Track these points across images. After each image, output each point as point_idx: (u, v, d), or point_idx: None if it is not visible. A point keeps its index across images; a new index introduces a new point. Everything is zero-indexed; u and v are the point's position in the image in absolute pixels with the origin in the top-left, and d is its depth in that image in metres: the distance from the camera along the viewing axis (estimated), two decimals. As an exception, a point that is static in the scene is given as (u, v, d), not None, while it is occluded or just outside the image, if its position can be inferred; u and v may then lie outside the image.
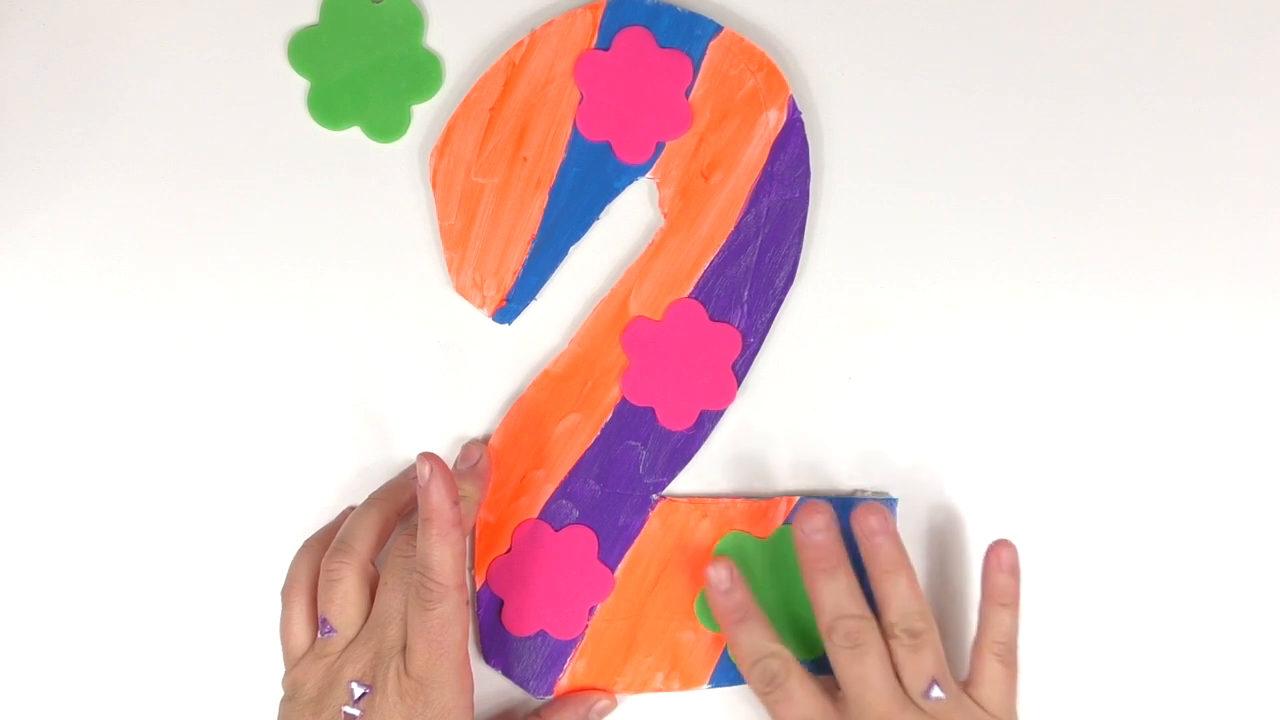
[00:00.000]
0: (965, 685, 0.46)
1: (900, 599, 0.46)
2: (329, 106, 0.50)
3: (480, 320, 0.50)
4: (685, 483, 0.50)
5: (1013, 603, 0.47)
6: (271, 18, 0.51)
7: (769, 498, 0.50)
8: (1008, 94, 0.51)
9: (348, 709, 0.43)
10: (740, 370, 0.50)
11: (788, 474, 0.50)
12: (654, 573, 0.50)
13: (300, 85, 0.51)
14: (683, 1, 0.50)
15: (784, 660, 0.46)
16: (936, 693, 0.45)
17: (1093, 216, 0.50)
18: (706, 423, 0.50)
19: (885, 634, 0.46)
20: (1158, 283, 0.50)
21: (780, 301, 0.50)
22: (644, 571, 0.50)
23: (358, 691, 0.44)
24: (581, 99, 0.49)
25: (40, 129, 0.51)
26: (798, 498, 0.50)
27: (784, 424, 0.50)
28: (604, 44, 0.49)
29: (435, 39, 0.51)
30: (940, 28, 0.51)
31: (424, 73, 0.51)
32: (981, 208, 0.50)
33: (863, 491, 0.50)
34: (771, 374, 0.50)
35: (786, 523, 0.50)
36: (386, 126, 0.51)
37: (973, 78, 0.51)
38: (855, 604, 0.46)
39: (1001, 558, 0.47)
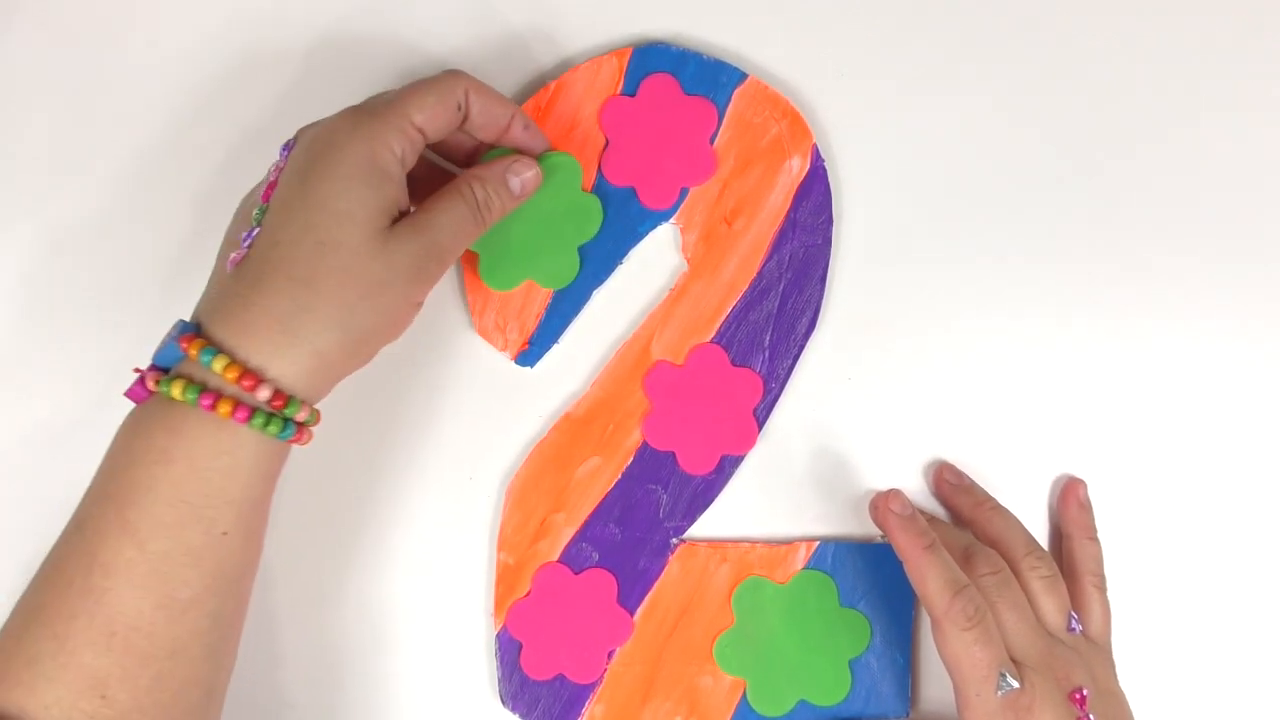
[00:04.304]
0: None
1: (1020, 530, 0.48)
2: (497, 268, 0.49)
3: (502, 363, 0.50)
4: (705, 527, 0.50)
5: (1096, 535, 0.49)
6: (281, 26, 0.51)
7: (788, 542, 0.50)
8: (1030, 142, 0.51)
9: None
10: (761, 415, 0.50)
11: (808, 519, 0.51)
12: (673, 617, 0.50)
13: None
14: (708, 49, 0.50)
15: (979, 593, 0.44)
16: (1076, 625, 0.46)
17: (1118, 259, 0.51)
18: (727, 467, 0.50)
19: (1014, 569, 0.46)
20: (1172, 320, 0.51)
21: (802, 347, 0.50)
22: (663, 615, 0.50)
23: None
24: (606, 144, 0.50)
25: (42, 128, 0.50)
26: (817, 543, 0.50)
27: (804, 469, 0.51)
28: (630, 90, 0.49)
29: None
30: (961, 76, 0.51)
31: (585, 214, 0.50)
32: (1005, 253, 0.51)
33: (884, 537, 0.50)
34: (792, 419, 0.51)
35: (806, 568, 0.50)
36: (557, 273, 0.50)
37: (995, 126, 0.51)
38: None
39: (1080, 494, 0.50)
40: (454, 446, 0.50)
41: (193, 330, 0.40)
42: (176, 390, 0.39)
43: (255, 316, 0.39)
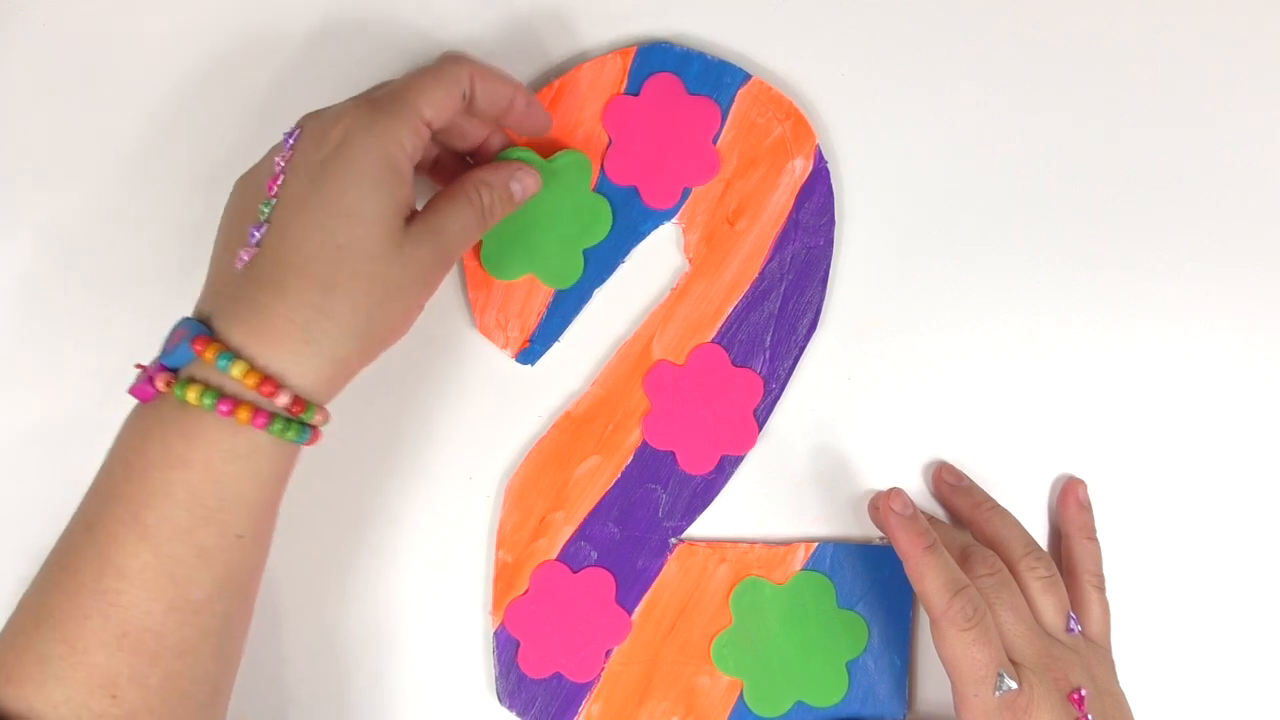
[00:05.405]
0: None
1: (1018, 530, 0.48)
2: (501, 256, 0.49)
3: (503, 361, 0.50)
4: (704, 527, 0.50)
5: (1095, 535, 0.49)
6: (283, 16, 0.50)
7: (787, 543, 0.50)
8: (1032, 144, 0.51)
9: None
10: (761, 416, 0.50)
11: (807, 520, 0.51)
12: (671, 616, 0.50)
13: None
14: (712, 49, 0.50)
15: (978, 594, 0.44)
16: (1075, 625, 0.46)
17: (1120, 261, 0.51)
18: (727, 467, 0.50)
19: (1012, 569, 0.46)
20: (1172, 321, 0.51)
21: (802, 348, 0.50)
22: (661, 615, 0.50)
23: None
24: (610, 143, 0.50)
25: (40, 124, 0.50)
26: (816, 544, 0.50)
27: (804, 470, 0.51)
28: (633, 89, 0.50)
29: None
30: (965, 78, 0.51)
31: (594, 217, 0.50)
32: (1006, 255, 0.51)
33: (884, 539, 0.50)
34: (792, 420, 0.51)
35: (804, 569, 0.50)
36: (560, 272, 0.50)
37: (998, 128, 0.51)
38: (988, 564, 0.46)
39: (1080, 494, 0.50)
40: (454, 444, 0.50)
41: (205, 332, 0.39)
42: (193, 395, 0.38)
43: (273, 322, 0.39)
